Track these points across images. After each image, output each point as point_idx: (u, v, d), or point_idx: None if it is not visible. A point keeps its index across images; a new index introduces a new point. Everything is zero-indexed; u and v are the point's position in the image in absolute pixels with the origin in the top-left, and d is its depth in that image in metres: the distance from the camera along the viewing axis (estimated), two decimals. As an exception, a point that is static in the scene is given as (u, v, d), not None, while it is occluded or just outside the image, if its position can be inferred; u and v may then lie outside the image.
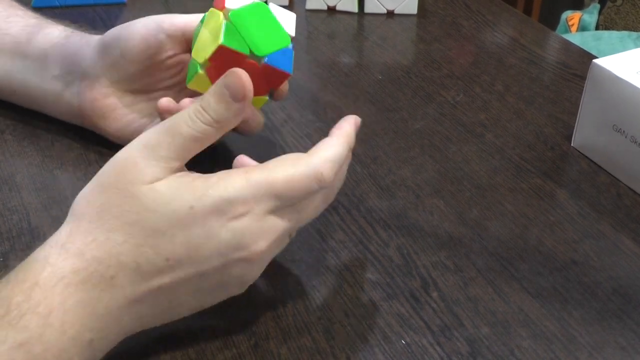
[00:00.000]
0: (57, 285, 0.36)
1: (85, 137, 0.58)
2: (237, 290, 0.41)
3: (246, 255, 0.39)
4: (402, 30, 0.80)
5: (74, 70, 0.55)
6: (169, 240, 0.37)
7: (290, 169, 0.39)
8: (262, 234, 0.39)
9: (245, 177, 0.39)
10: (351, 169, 0.57)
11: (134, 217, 0.37)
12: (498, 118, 0.64)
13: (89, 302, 0.36)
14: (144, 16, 0.53)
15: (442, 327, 0.44)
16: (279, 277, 0.47)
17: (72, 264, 0.36)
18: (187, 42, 0.52)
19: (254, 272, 0.41)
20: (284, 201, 0.39)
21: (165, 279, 0.38)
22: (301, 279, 0.47)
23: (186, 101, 0.48)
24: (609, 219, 0.53)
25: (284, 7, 0.83)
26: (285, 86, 0.52)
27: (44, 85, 0.56)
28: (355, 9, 0.83)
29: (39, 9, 0.78)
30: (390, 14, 0.83)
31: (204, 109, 0.40)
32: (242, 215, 0.38)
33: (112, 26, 0.53)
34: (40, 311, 0.35)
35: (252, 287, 0.46)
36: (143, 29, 0.51)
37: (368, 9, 0.83)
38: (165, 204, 0.38)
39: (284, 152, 0.60)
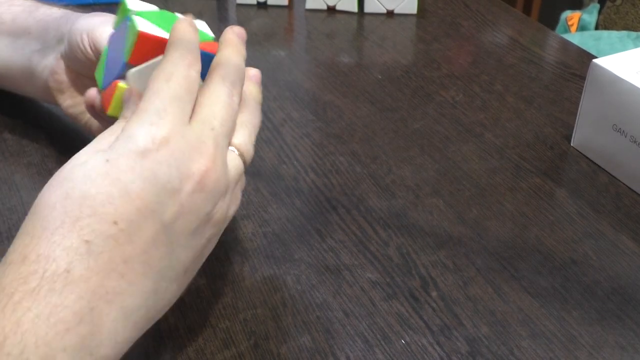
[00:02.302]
0: (7, 306, 0.30)
1: (85, 137, 0.58)
2: (213, 233, 0.37)
3: (196, 183, 0.35)
4: (401, 30, 0.80)
5: (49, 44, 0.54)
6: (107, 201, 0.33)
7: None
8: (193, 149, 0.35)
9: (134, 109, 0.36)
10: (351, 169, 0.57)
11: (63, 190, 0.33)
12: (497, 118, 0.64)
13: (52, 313, 0.30)
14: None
15: (442, 326, 0.44)
16: (279, 277, 0.47)
17: (18, 273, 0.31)
18: None
19: (219, 205, 0.37)
20: (187, 101, 0.36)
21: (127, 250, 0.33)
22: (301, 279, 0.47)
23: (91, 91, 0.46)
24: (608, 218, 0.53)
25: (283, 7, 0.83)
26: None
27: (23, 61, 0.56)
28: (355, 9, 0.83)
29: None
30: (390, 13, 0.83)
31: None
32: (161, 144, 0.34)
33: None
34: None
35: (252, 287, 0.46)
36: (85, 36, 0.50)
37: (368, 8, 0.83)
38: (80, 166, 0.34)
39: (284, 152, 0.60)
